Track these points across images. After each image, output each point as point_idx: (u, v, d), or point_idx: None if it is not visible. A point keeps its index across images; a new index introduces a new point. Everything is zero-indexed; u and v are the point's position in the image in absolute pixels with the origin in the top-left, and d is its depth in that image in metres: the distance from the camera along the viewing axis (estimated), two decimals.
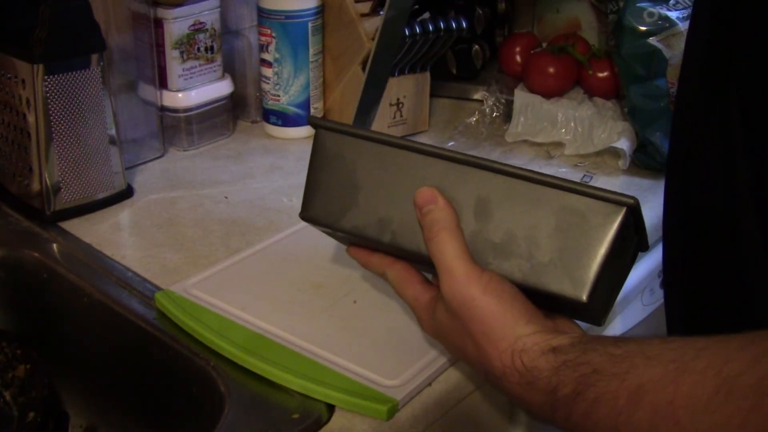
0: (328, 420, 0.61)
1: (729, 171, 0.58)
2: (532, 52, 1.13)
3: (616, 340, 0.48)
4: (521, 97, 1.07)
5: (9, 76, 0.83)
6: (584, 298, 0.54)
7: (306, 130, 1.06)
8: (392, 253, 0.62)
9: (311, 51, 1.03)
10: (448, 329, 0.57)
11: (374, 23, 1.02)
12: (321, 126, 0.64)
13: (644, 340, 0.48)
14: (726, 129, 0.57)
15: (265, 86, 1.05)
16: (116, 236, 0.84)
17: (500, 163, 0.58)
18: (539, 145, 1.05)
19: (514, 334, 0.52)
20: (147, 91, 0.99)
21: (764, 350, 0.41)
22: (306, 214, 0.64)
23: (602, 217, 0.54)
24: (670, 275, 0.68)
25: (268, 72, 1.04)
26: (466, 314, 0.54)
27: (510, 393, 0.53)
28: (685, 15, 0.95)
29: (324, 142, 0.63)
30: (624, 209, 0.54)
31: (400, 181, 0.60)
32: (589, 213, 0.54)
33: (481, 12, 1.19)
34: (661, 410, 0.43)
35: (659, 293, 0.94)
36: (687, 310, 0.66)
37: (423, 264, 0.61)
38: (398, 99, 1.05)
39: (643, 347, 0.47)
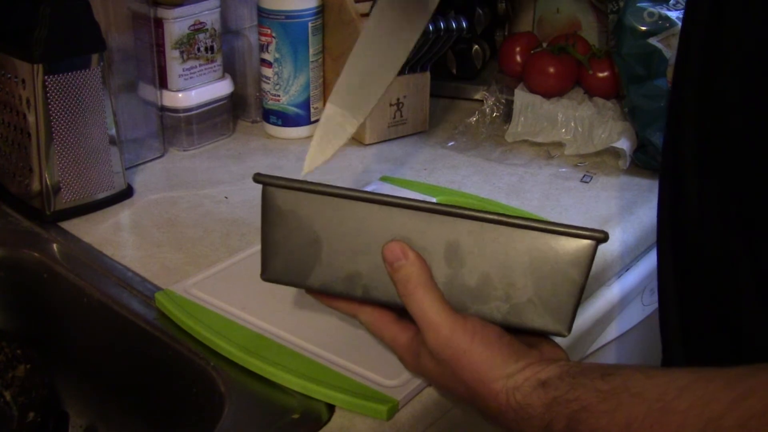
0: (328, 420, 0.61)
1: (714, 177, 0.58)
2: (532, 52, 1.13)
3: (603, 375, 0.50)
4: (521, 97, 1.07)
5: (9, 76, 0.83)
6: (566, 332, 0.56)
7: (306, 130, 1.06)
8: (365, 303, 0.61)
9: (311, 51, 1.03)
10: (435, 374, 0.57)
11: None
12: (268, 183, 0.59)
13: (629, 373, 0.49)
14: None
15: (265, 86, 1.05)
16: (116, 236, 0.84)
17: (463, 209, 0.56)
18: (539, 145, 1.05)
19: (505, 374, 0.53)
20: (147, 91, 0.99)
21: (745, 391, 0.42)
22: (268, 276, 0.60)
23: (574, 253, 0.55)
24: (662, 280, 0.68)
25: (268, 72, 1.04)
26: (456, 365, 0.55)
27: (506, 428, 0.54)
28: None
29: (274, 199, 0.59)
30: (594, 243, 0.55)
31: (363, 234, 0.57)
32: (561, 250, 0.55)
33: (481, 12, 1.19)
34: None
35: None
36: (682, 311, 0.65)
37: (397, 309, 0.60)
38: (398, 99, 1.05)
39: (627, 383, 0.48)
